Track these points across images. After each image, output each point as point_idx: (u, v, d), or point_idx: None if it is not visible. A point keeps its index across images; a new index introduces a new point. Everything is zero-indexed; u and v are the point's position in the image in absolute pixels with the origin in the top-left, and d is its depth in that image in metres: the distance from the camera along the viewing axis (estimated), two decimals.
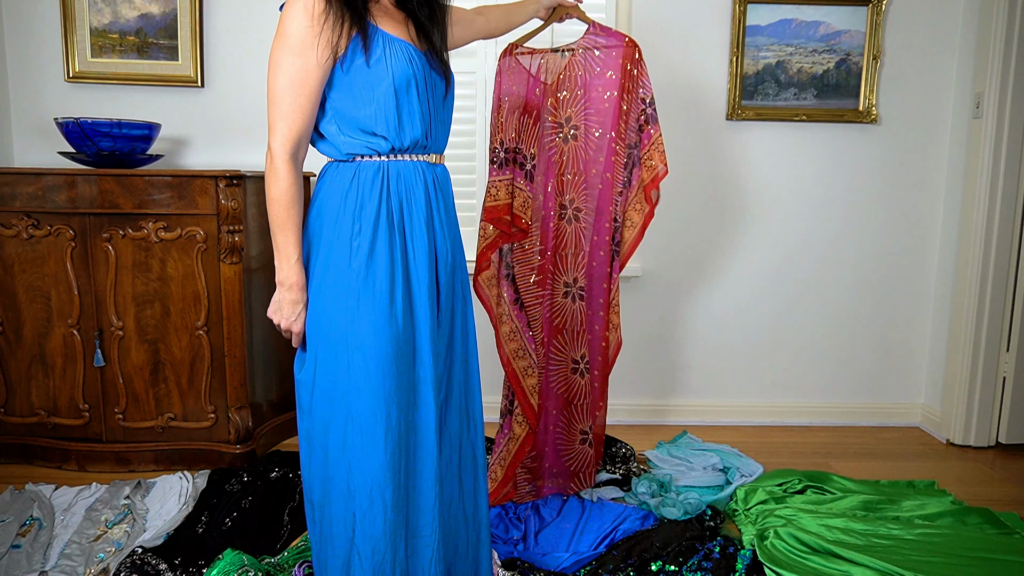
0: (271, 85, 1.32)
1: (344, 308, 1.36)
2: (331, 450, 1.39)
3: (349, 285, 1.36)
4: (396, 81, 1.35)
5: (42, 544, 1.96)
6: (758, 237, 2.93)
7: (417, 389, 1.43)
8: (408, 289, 1.41)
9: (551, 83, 2.11)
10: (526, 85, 2.10)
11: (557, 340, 2.21)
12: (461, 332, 1.54)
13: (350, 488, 1.38)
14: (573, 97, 2.11)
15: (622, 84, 2.07)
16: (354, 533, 1.39)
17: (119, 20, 2.75)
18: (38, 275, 2.41)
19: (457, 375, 1.52)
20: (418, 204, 1.42)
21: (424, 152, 1.44)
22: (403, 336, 1.39)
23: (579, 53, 2.10)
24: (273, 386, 2.71)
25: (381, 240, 1.37)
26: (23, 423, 2.50)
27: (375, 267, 1.36)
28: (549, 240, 2.16)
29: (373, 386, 1.36)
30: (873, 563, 1.85)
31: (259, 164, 2.82)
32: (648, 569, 1.86)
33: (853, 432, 2.96)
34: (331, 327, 1.38)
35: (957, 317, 2.84)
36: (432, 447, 1.43)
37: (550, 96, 2.11)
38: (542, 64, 2.11)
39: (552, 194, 2.14)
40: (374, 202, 1.37)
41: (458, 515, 1.54)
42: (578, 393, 2.24)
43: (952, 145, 2.88)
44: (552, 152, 2.14)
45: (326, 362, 1.39)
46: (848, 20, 2.80)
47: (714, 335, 2.99)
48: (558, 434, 2.26)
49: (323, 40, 1.30)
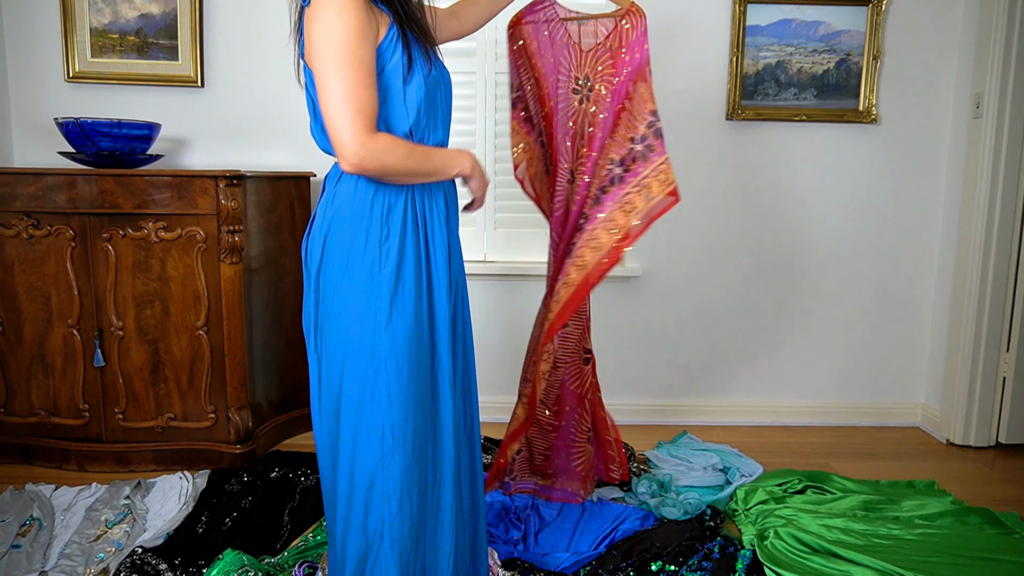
0: (336, 81, 1.25)
1: (376, 313, 1.36)
2: (359, 455, 1.39)
3: (380, 290, 1.36)
4: (428, 83, 1.35)
5: (42, 544, 1.96)
6: (758, 237, 2.93)
7: (438, 389, 1.44)
8: (430, 289, 1.42)
9: (587, 51, 2.01)
10: (566, 50, 2.01)
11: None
12: (462, 328, 1.55)
13: (379, 491, 1.38)
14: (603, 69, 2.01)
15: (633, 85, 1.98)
16: (381, 538, 1.39)
17: (119, 20, 2.75)
18: (38, 275, 2.41)
19: (459, 366, 1.54)
20: (438, 205, 1.43)
21: None
22: (426, 337, 1.41)
23: (616, 33, 1.98)
24: (273, 386, 2.71)
25: (409, 242, 1.37)
26: (23, 423, 2.50)
27: (405, 271, 1.37)
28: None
29: (404, 391, 1.37)
30: (873, 563, 1.85)
31: (259, 164, 2.82)
32: (648, 569, 1.86)
33: (853, 432, 2.96)
34: (361, 332, 1.37)
35: (957, 317, 2.84)
36: (451, 446, 1.45)
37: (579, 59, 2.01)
38: (582, 29, 2.00)
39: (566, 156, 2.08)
40: (401, 204, 1.38)
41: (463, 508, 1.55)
42: (590, 388, 2.22)
43: (952, 145, 2.88)
44: (571, 115, 2.05)
45: (355, 368, 1.38)
46: (848, 20, 2.80)
47: (714, 335, 2.99)
48: (571, 432, 2.23)
49: (370, 32, 1.28)
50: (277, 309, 2.67)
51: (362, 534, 1.40)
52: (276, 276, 2.66)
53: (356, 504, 1.40)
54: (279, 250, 2.66)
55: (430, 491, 1.45)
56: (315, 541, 1.98)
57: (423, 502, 1.43)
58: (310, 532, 2.05)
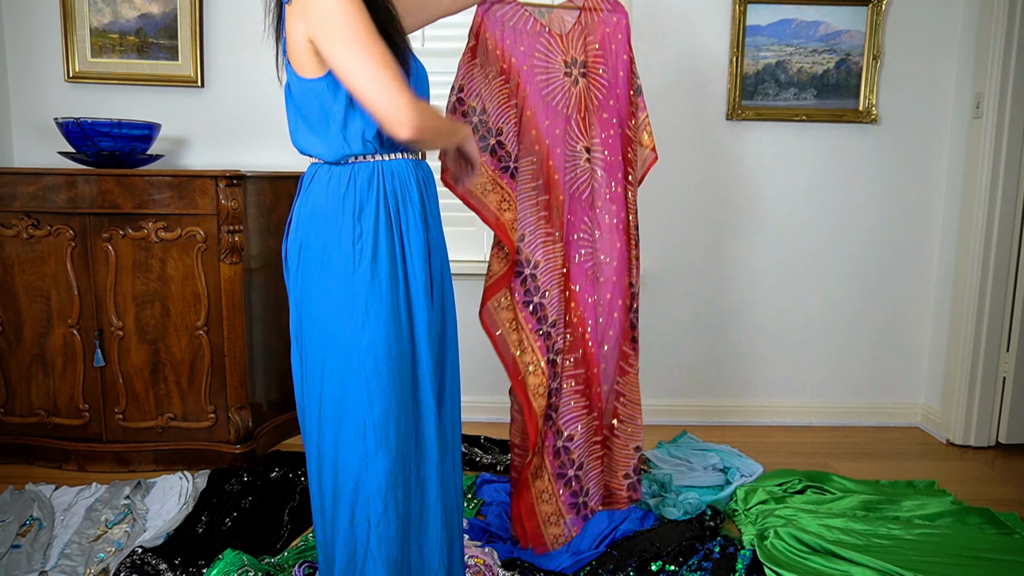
0: (367, 55, 1.25)
1: (352, 312, 1.36)
2: (342, 456, 1.39)
3: (355, 290, 1.35)
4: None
5: (42, 544, 1.96)
6: (757, 237, 2.93)
7: (418, 387, 1.43)
8: (407, 288, 1.41)
9: (562, 35, 1.96)
10: (537, 38, 1.93)
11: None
12: (450, 325, 1.54)
13: (364, 493, 1.38)
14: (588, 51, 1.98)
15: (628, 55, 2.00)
16: (368, 539, 1.39)
17: (119, 20, 2.75)
18: (38, 275, 2.41)
19: (447, 365, 1.53)
20: (412, 201, 1.42)
21: (413, 151, 1.45)
22: (406, 336, 1.40)
23: (586, 12, 1.97)
24: (273, 386, 2.71)
25: (383, 241, 1.37)
26: (23, 423, 2.50)
27: (380, 269, 1.36)
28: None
29: (384, 390, 1.37)
30: (873, 563, 1.85)
31: (259, 164, 2.82)
32: (648, 569, 1.86)
33: (853, 432, 2.96)
34: (339, 333, 1.37)
35: (957, 317, 2.84)
36: (433, 443, 1.45)
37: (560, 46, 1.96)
38: (550, 15, 1.95)
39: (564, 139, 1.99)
40: (372, 203, 1.37)
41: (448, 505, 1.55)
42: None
43: (952, 145, 2.88)
44: (565, 99, 1.97)
45: (335, 368, 1.38)
46: (848, 20, 2.80)
47: (713, 335, 2.99)
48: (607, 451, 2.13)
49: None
50: (277, 309, 2.67)
51: (349, 535, 1.40)
52: (276, 276, 2.66)
53: (342, 505, 1.40)
54: (279, 250, 2.66)
55: (414, 490, 1.44)
56: (315, 541, 1.98)
57: (408, 501, 1.42)
58: (310, 532, 2.05)
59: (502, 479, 2.35)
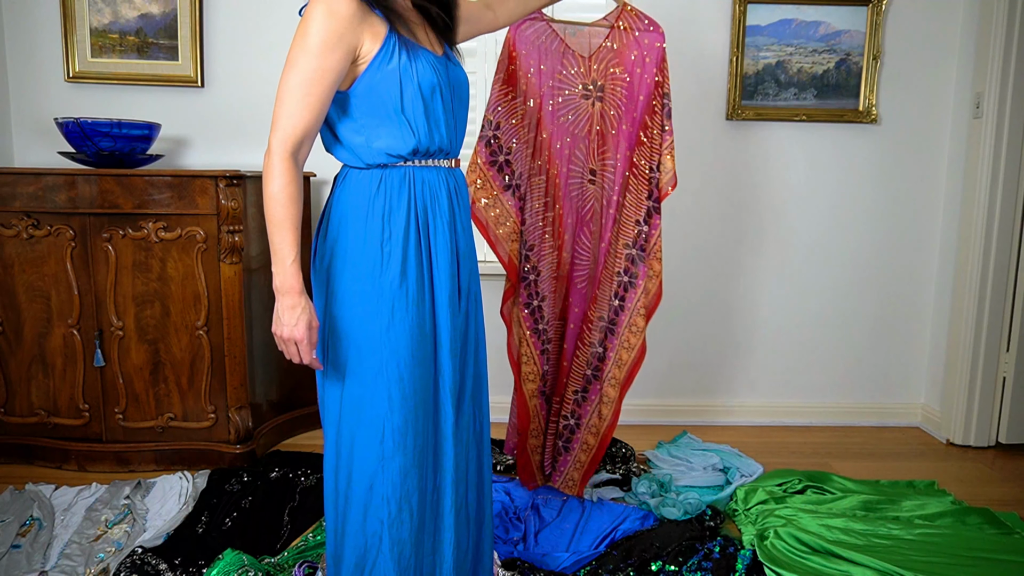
0: (282, 82, 1.28)
1: (378, 314, 1.36)
2: (358, 456, 1.39)
3: (382, 293, 1.36)
4: (423, 88, 1.34)
5: (42, 544, 1.96)
6: (757, 237, 2.94)
7: (438, 393, 1.44)
8: (432, 295, 1.42)
9: (587, 56, 2.02)
10: (560, 57, 2.00)
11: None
12: (474, 331, 1.54)
13: (378, 494, 1.39)
14: (610, 74, 2.03)
15: (658, 80, 2.03)
16: (380, 540, 1.39)
17: (119, 20, 2.75)
18: (38, 275, 2.41)
19: (469, 371, 1.53)
20: (442, 209, 1.42)
21: (446, 157, 1.45)
22: (429, 343, 1.41)
23: (617, 31, 2.01)
24: (273, 386, 2.71)
25: (412, 245, 1.37)
26: (23, 423, 2.50)
27: (409, 272, 1.37)
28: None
29: (404, 394, 1.37)
30: (873, 563, 1.85)
31: (259, 164, 2.82)
32: (648, 569, 1.86)
33: (853, 432, 2.96)
34: (364, 335, 1.37)
35: (957, 317, 2.84)
36: (450, 449, 1.46)
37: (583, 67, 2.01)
38: (580, 34, 2.00)
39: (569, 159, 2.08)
40: (403, 207, 1.37)
41: (464, 510, 1.55)
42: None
43: (952, 145, 2.88)
44: (578, 121, 2.04)
45: (356, 371, 1.38)
46: (848, 20, 2.80)
47: (713, 335, 2.99)
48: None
49: (345, 44, 1.27)
50: None
51: (361, 536, 1.41)
52: None
53: (355, 505, 1.40)
54: None
55: (431, 495, 1.45)
56: (315, 541, 1.98)
57: (423, 506, 1.43)
58: (310, 532, 2.05)
59: (502, 479, 2.36)
